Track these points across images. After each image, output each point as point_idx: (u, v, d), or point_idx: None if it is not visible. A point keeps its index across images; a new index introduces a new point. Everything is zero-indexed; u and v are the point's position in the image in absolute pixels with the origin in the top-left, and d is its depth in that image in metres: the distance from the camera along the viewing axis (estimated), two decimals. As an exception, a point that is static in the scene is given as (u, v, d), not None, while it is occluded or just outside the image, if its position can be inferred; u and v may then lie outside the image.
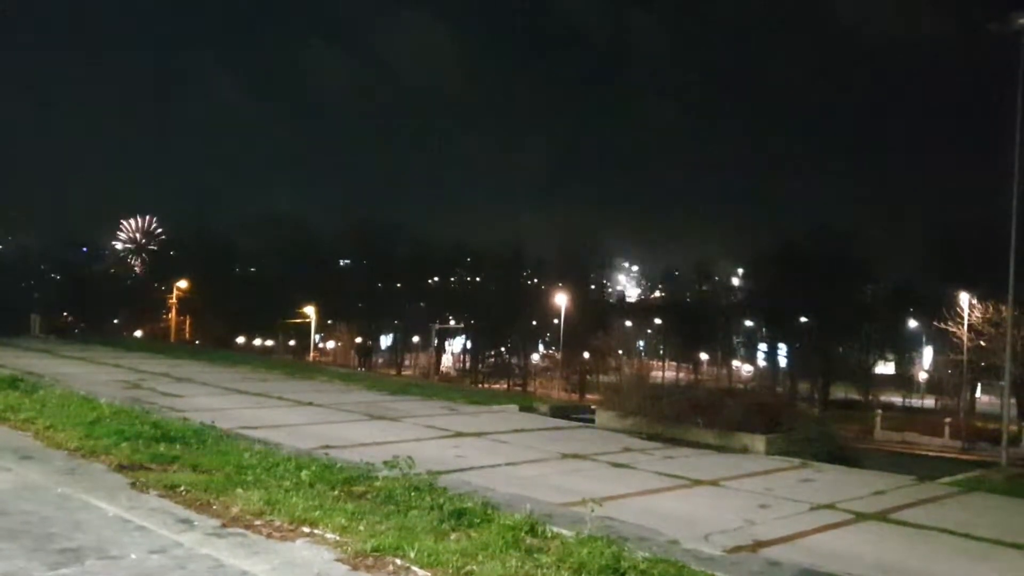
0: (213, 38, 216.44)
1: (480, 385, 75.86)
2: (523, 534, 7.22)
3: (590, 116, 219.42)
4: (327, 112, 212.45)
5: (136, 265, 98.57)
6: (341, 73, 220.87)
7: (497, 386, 78.31)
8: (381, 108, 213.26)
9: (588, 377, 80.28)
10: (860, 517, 11.17)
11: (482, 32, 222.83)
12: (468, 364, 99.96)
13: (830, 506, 11.70)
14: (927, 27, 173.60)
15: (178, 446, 10.81)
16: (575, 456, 14.88)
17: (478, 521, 7.64)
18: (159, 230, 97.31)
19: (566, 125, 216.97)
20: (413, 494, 8.47)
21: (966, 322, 47.42)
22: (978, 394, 64.03)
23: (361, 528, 7.21)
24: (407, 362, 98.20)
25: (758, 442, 17.08)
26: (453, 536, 7.22)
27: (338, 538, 7.00)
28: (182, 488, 8.56)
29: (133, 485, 8.80)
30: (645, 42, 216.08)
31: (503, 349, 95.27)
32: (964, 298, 48.33)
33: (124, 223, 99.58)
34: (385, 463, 9.54)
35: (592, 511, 7.84)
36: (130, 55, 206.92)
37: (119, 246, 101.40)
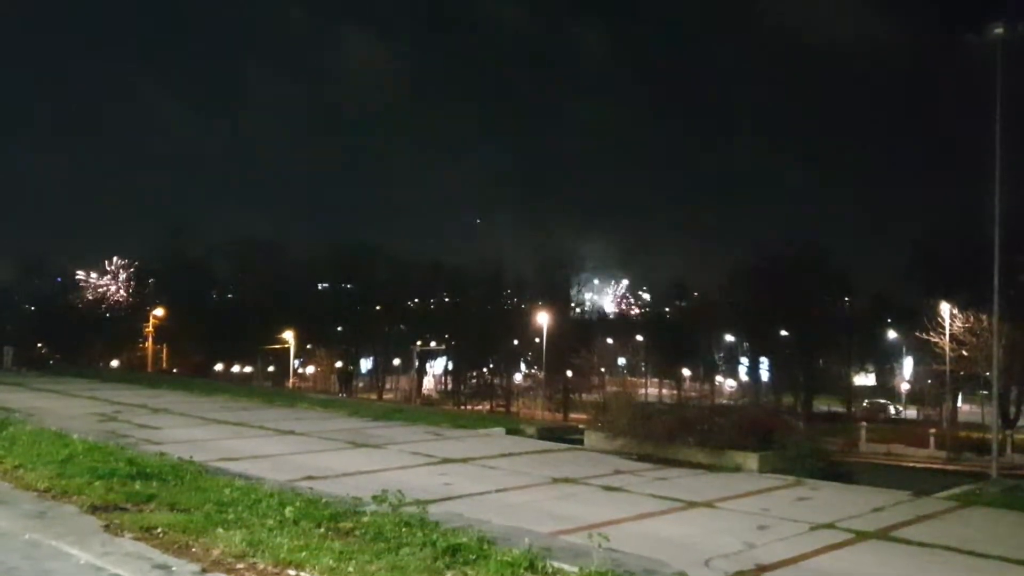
0: (170, 67, 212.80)
1: (463, 407, 75.23)
2: (523, 571, 6.86)
3: (552, 130, 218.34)
4: (290, 137, 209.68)
5: (113, 293, 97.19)
6: (299, 97, 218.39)
7: (480, 407, 77.66)
8: (344, 129, 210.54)
9: (571, 396, 79.83)
10: (861, 536, 10.90)
11: (437, 50, 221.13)
12: (450, 386, 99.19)
13: (830, 525, 11.41)
14: (899, 29, 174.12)
15: (155, 483, 10.37)
16: (566, 480, 14.53)
17: (474, 558, 7.25)
18: (132, 266, 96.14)
19: (530, 140, 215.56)
20: (404, 530, 8.07)
21: (947, 332, 47.50)
22: (959, 403, 64.22)
23: (350, 569, 6.83)
24: (388, 385, 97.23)
25: (751, 460, 16.79)
26: (448, 575, 6.85)
27: (326, 581, 6.62)
28: (159, 530, 8.14)
29: (107, 528, 8.37)
30: (608, 53, 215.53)
31: (485, 370, 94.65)
32: (945, 308, 48.43)
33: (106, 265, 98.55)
34: (373, 497, 9.16)
35: (599, 546, 7.41)
36: (94, 87, 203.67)
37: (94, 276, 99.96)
